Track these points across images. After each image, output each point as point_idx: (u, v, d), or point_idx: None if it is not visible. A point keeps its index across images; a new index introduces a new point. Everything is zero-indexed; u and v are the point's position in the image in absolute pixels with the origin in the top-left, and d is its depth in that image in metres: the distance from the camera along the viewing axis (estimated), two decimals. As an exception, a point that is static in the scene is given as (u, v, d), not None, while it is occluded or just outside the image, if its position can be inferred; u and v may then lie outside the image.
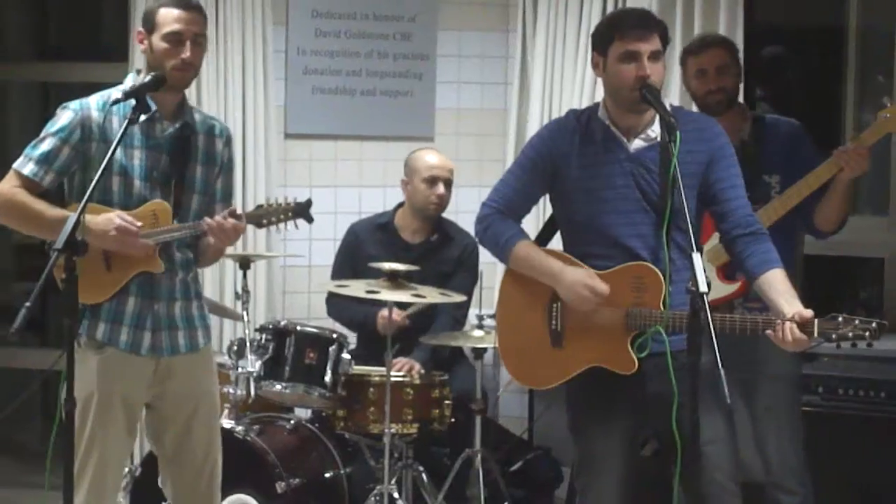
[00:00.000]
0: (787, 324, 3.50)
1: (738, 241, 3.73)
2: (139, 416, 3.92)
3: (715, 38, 4.81)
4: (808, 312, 3.52)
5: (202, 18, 3.89)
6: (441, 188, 5.49)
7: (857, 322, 3.47)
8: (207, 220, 3.82)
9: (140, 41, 3.89)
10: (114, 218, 3.73)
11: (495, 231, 3.89)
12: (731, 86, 4.60)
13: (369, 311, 5.35)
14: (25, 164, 3.81)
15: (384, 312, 5.02)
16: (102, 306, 3.83)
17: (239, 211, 3.87)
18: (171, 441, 3.94)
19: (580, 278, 3.73)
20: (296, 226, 3.95)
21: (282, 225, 3.95)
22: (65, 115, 3.84)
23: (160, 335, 3.87)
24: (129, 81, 3.92)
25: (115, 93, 3.86)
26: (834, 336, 3.49)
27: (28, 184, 3.80)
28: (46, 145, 3.81)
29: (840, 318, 3.49)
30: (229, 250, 4.16)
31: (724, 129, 4.51)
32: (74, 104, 3.86)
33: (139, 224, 3.75)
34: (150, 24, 3.84)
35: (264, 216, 3.93)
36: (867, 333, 3.46)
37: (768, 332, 3.53)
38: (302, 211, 3.93)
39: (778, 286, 3.63)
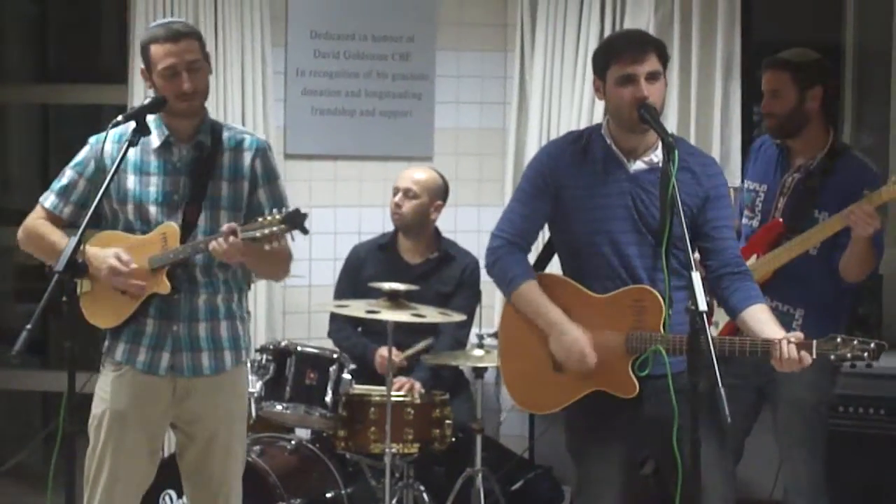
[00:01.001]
0: (786, 344, 3.50)
1: (725, 278, 3.76)
2: (162, 437, 3.93)
3: (777, 58, 4.45)
4: (800, 335, 3.55)
5: (195, 41, 3.81)
6: (398, 196, 5.49)
7: (855, 343, 3.47)
8: (206, 239, 3.73)
9: (145, 79, 3.89)
10: (109, 257, 3.76)
11: (503, 267, 3.88)
12: (783, 111, 4.36)
13: (367, 347, 5.37)
14: (48, 197, 3.94)
15: (383, 352, 5.02)
16: (123, 329, 3.86)
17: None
18: (190, 460, 3.96)
19: (575, 342, 3.74)
20: (292, 238, 3.69)
21: (275, 242, 3.64)
22: (84, 149, 3.94)
23: (180, 356, 3.87)
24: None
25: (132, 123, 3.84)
26: (832, 357, 3.50)
27: (49, 216, 3.91)
28: (65, 178, 3.93)
29: (839, 339, 3.49)
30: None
31: (797, 150, 4.45)
32: (94, 137, 3.93)
33: (133, 266, 3.75)
34: (146, 62, 3.83)
35: (257, 228, 3.63)
36: (866, 354, 3.47)
37: (770, 355, 3.53)
38: (292, 219, 3.60)
39: (762, 317, 3.66)
